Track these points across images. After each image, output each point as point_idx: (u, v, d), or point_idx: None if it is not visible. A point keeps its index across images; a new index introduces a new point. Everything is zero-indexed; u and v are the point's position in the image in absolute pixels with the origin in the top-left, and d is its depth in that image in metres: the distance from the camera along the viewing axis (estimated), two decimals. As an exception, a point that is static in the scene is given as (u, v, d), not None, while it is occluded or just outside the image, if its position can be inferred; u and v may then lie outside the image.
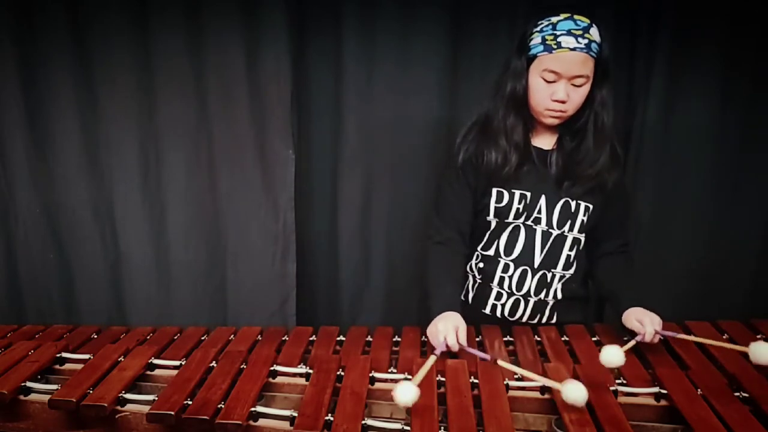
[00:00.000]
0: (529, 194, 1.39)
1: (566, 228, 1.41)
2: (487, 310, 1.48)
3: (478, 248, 1.48)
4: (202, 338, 1.45)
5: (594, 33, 1.29)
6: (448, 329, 1.25)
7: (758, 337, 1.36)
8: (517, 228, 1.42)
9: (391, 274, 1.94)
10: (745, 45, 1.72)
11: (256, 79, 1.74)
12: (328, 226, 1.94)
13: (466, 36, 1.76)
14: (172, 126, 1.82)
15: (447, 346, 1.23)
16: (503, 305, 1.46)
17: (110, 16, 1.74)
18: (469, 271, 1.51)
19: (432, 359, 1.16)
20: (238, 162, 1.82)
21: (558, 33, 1.28)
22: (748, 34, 1.72)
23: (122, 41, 1.75)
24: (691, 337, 1.30)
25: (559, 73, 1.29)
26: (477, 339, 1.38)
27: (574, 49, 1.27)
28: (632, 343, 1.24)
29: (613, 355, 1.15)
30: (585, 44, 1.27)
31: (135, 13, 1.73)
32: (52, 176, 1.86)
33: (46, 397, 1.14)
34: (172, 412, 1.06)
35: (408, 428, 1.00)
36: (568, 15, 1.29)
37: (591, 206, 1.41)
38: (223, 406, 1.07)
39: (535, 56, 1.31)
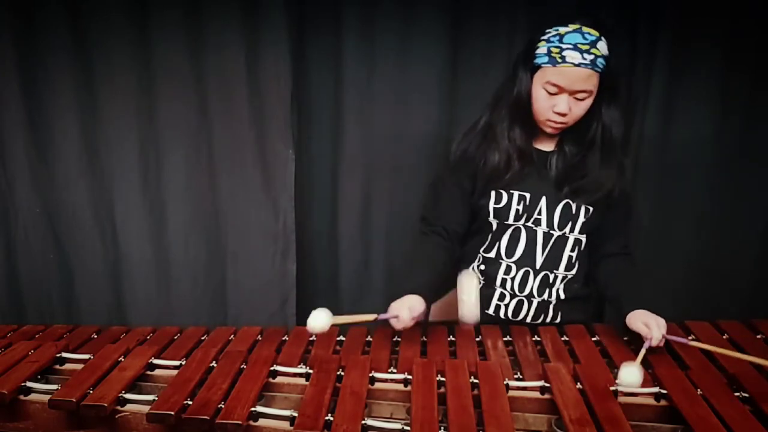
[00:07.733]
0: (528, 195, 1.39)
1: (567, 229, 1.41)
2: (491, 311, 1.48)
3: (480, 250, 1.47)
4: (202, 338, 1.45)
5: (602, 47, 1.26)
6: (401, 308, 1.28)
7: (758, 337, 1.36)
8: (518, 230, 1.42)
9: (391, 274, 1.94)
10: (746, 45, 1.72)
11: (256, 79, 1.74)
12: (328, 226, 1.94)
13: (466, 36, 1.76)
14: (172, 126, 1.81)
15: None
16: (506, 306, 1.46)
17: (110, 17, 1.73)
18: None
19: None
20: (238, 162, 1.81)
21: (564, 46, 1.25)
22: (748, 34, 1.72)
23: (122, 41, 1.75)
24: (698, 343, 1.27)
25: (562, 87, 1.28)
26: (477, 339, 1.38)
27: (578, 65, 1.25)
28: (643, 352, 1.21)
29: (631, 375, 1.11)
30: (590, 60, 1.25)
31: (135, 13, 1.73)
32: (52, 176, 1.86)
33: (46, 397, 1.14)
34: (172, 412, 1.06)
35: (408, 428, 1.00)
36: (578, 27, 1.25)
37: (592, 208, 1.40)
38: (223, 406, 1.07)
39: (539, 66, 1.30)
